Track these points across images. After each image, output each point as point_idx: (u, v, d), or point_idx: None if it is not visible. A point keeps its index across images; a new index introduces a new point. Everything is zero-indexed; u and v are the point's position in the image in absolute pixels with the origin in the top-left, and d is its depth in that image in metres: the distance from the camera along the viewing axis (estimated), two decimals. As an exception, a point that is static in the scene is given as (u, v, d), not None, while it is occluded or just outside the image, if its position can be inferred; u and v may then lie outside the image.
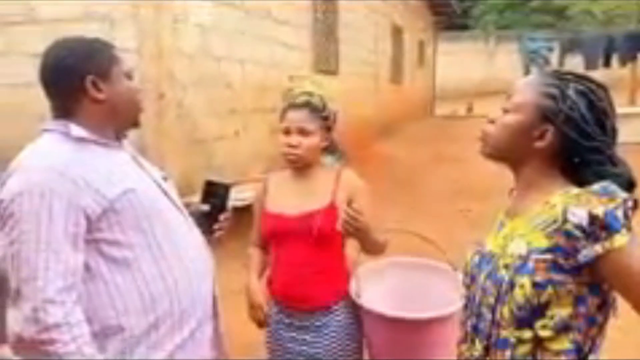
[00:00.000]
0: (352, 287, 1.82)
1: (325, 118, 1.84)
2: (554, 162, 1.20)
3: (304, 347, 1.86)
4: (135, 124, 1.47)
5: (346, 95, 8.51)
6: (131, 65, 1.41)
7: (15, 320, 1.19)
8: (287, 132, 1.82)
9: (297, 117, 1.80)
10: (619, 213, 1.06)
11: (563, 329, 1.13)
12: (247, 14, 5.44)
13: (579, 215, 1.07)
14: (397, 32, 12.91)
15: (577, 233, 1.07)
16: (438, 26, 19.68)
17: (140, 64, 4.08)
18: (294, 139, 1.80)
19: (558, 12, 24.35)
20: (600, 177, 1.14)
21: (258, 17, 5.62)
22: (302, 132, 1.80)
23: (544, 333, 1.14)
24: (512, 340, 1.17)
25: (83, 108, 1.31)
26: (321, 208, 1.79)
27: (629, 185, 1.15)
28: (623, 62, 11.30)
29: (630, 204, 1.09)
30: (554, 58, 11.59)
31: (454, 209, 6.13)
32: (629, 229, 1.07)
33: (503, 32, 22.83)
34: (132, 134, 1.50)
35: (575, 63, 11.97)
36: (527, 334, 1.15)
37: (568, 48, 11.38)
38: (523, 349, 1.16)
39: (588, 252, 1.07)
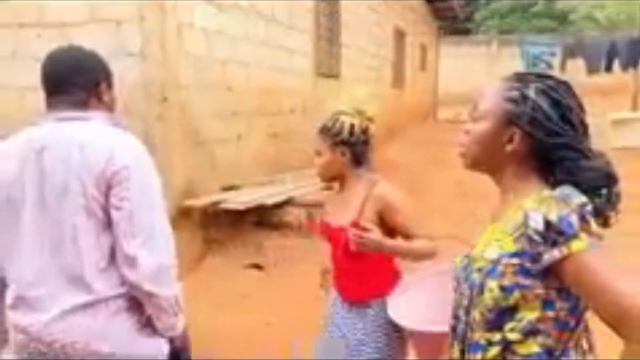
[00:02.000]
0: (390, 306, 1.92)
1: (336, 134, 2.00)
2: (529, 165, 1.20)
3: (350, 329, 2.05)
4: (113, 112, 1.74)
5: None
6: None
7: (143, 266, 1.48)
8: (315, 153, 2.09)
9: (314, 141, 2.06)
10: (573, 218, 1.06)
11: (531, 332, 1.14)
12: (250, 18, 5.48)
13: (536, 220, 1.08)
14: (399, 36, 12.94)
15: (537, 238, 1.09)
16: (440, 30, 19.71)
17: (144, 67, 4.12)
18: (315, 159, 2.07)
19: (560, 17, 24.37)
20: (574, 173, 1.15)
21: (262, 21, 5.67)
22: (317, 153, 2.05)
23: (512, 336, 1.15)
24: (483, 342, 1.18)
25: (92, 104, 1.60)
26: (347, 225, 1.90)
27: (607, 179, 1.14)
28: (625, 67, 11.32)
29: (588, 208, 1.08)
30: (556, 62, 11.61)
31: (463, 210, 6.16)
32: (590, 232, 1.07)
33: (505, 36, 22.84)
34: (136, 137, 1.62)
35: (577, 67, 12.00)
36: (496, 336, 1.16)
37: (570, 52, 11.41)
38: (493, 352, 1.17)
39: (549, 256, 1.08)
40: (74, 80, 1.57)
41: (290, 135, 6.22)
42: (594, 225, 1.09)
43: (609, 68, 11.45)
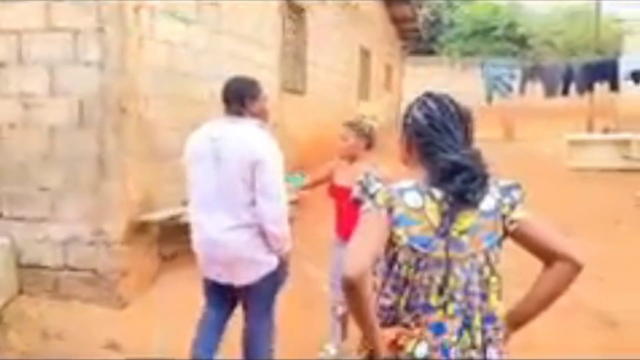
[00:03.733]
0: None
1: (360, 129, 3.27)
2: (417, 158, 1.63)
3: None
4: (266, 121, 2.83)
5: (314, 116, 8.58)
6: (265, 94, 2.84)
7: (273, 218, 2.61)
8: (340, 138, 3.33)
9: (343, 130, 3.32)
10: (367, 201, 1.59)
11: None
12: (216, 32, 5.43)
13: None
14: (364, 55, 13.09)
15: None
16: (405, 51, 20.05)
17: (102, 77, 4.02)
18: (340, 143, 3.33)
19: (520, 41, 25.15)
20: (435, 163, 1.54)
21: (227, 36, 5.62)
22: (343, 138, 3.31)
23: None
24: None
25: (243, 113, 2.67)
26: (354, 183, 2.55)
27: (453, 169, 1.50)
28: (580, 91, 11.72)
29: (372, 184, 1.60)
30: (516, 85, 11.93)
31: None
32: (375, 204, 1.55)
33: (468, 58, 23.39)
34: (91, 148, 1.77)
35: (535, 90, 12.37)
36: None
37: (529, 75, 11.74)
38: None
39: None
40: (234, 100, 2.67)
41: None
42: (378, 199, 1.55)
43: (565, 91, 11.84)
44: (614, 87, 11.13)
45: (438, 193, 1.51)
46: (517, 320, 1.62)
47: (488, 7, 26.64)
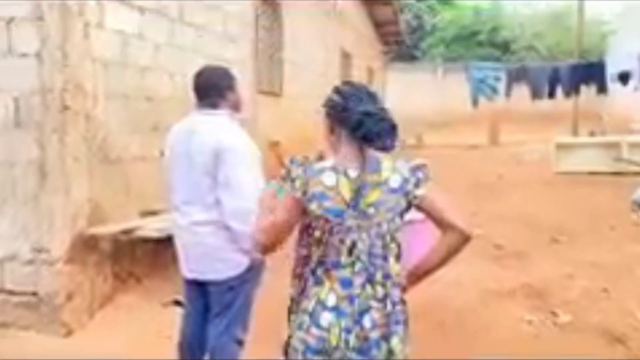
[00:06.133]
0: None
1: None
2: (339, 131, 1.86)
3: None
4: (240, 111, 2.69)
5: (291, 119, 8.08)
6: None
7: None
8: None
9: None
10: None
11: None
12: (178, 24, 4.94)
13: None
14: (345, 58, 12.69)
15: None
16: (387, 56, 19.76)
17: (41, 70, 3.50)
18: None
19: (503, 46, 25.05)
20: (347, 122, 1.81)
21: (191, 28, 5.13)
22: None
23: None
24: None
25: (220, 104, 2.55)
26: None
27: (360, 117, 1.78)
28: (568, 94, 11.42)
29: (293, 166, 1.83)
30: (501, 87, 11.60)
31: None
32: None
33: (452, 64, 23.18)
34: (29, 152, 2.25)
35: (522, 93, 12.05)
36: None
37: (515, 78, 11.42)
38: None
39: None
40: (209, 91, 2.54)
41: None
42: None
43: (552, 94, 11.52)
44: (602, 89, 10.84)
45: (353, 172, 1.77)
46: (416, 277, 1.96)
47: (469, 9, 26.54)
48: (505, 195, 8.89)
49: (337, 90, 1.87)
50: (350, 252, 1.77)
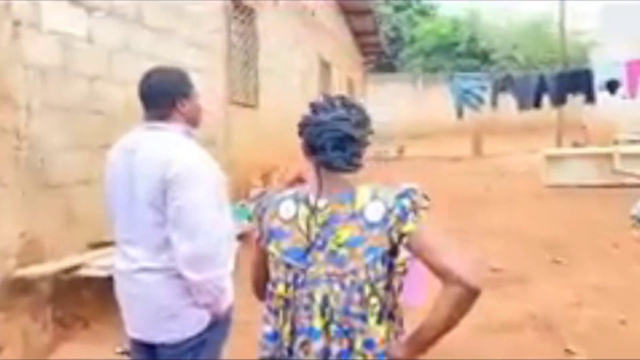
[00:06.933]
0: None
1: None
2: None
3: None
4: (198, 125, 2.12)
5: (267, 132, 7.48)
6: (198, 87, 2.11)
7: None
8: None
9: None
10: None
11: None
12: (136, 28, 4.35)
13: None
14: (325, 67, 12.21)
15: None
16: (366, 66, 19.43)
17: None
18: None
19: (482, 56, 24.99)
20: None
21: (150, 32, 4.54)
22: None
23: None
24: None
25: (172, 116, 2.01)
26: None
27: (307, 123, 1.51)
28: (555, 103, 11.06)
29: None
30: (487, 97, 11.22)
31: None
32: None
33: (432, 74, 22.96)
34: None
35: (508, 103, 11.68)
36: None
37: (500, 87, 11.04)
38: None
39: None
40: (152, 100, 2.01)
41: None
42: None
43: (537, 104, 11.15)
44: (590, 98, 10.51)
45: (320, 201, 1.44)
46: (417, 347, 1.47)
47: (448, 20, 26.48)
48: (494, 210, 8.48)
49: (310, 104, 1.58)
50: (323, 311, 1.41)
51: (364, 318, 1.41)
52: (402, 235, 1.40)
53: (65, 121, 3.54)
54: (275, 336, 1.49)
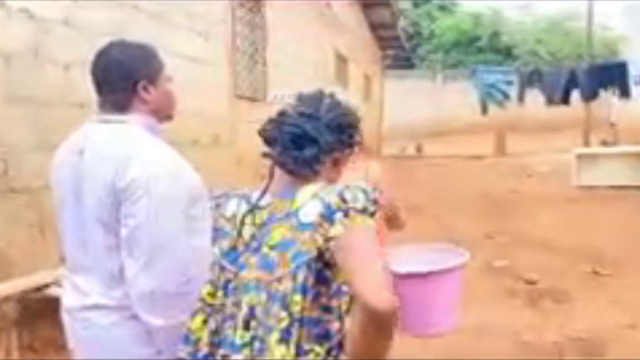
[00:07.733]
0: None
1: None
2: None
3: None
4: (169, 118, 1.67)
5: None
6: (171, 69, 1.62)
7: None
8: None
9: None
10: None
11: None
12: (125, 10, 3.90)
13: None
14: (341, 62, 11.68)
15: None
16: (385, 62, 18.89)
17: None
18: None
19: (504, 51, 24.30)
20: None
21: (141, 14, 4.08)
22: None
23: None
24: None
25: (133, 105, 1.55)
26: None
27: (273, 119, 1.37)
28: (587, 98, 10.39)
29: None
30: (513, 92, 10.57)
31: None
32: None
33: (450, 71, 22.34)
34: None
35: (535, 98, 11.02)
36: None
37: (528, 82, 10.39)
38: None
39: None
40: (107, 84, 1.56)
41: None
42: None
43: (566, 100, 10.50)
44: (625, 93, 9.83)
45: (262, 200, 1.31)
46: None
47: (469, 15, 25.81)
48: (524, 214, 7.89)
49: (298, 93, 1.43)
50: (247, 324, 1.25)
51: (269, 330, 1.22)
52: (327, 240, 1.20)
53: (33, 116, 3.08)
54: (189, 339, 1.34)
